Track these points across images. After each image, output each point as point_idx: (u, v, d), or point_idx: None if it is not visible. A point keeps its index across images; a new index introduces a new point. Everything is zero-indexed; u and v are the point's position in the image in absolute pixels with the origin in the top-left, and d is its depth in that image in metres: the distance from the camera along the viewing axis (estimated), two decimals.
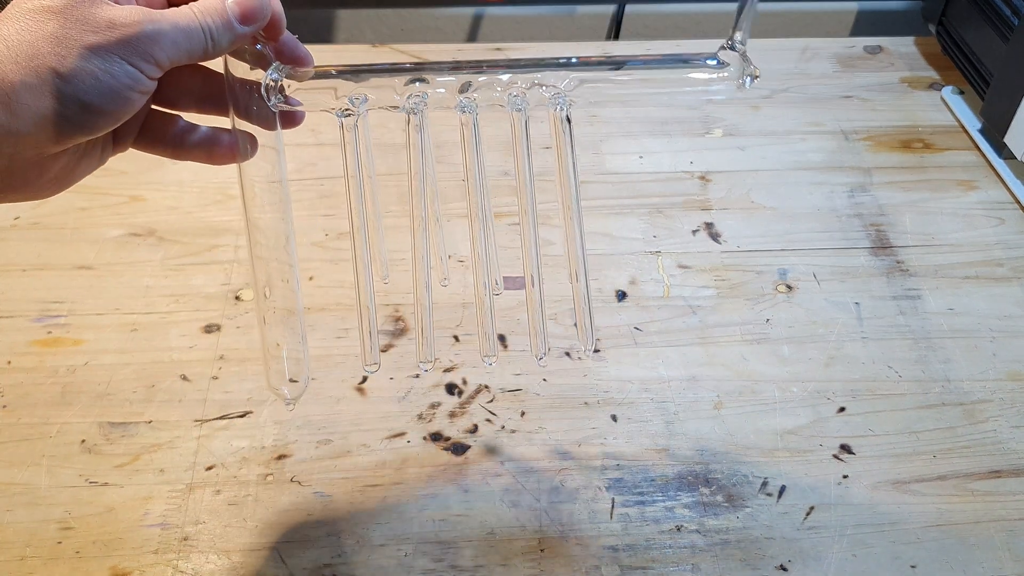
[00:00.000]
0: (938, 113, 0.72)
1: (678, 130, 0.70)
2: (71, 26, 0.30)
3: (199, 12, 0.33)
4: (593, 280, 0.58)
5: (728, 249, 0.60)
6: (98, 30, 0.30)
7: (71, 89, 0.30)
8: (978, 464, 0.48)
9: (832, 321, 0.55)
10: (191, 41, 0.32)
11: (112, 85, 0.31)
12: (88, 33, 0.30)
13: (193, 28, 0.33)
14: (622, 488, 0.47)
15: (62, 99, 0.30)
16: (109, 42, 0.30)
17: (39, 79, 0.29)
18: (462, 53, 0.77)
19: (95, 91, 0.30)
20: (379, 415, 0.50)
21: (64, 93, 0.30)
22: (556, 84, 0.38)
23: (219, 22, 0.33)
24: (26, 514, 0.45)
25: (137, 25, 0.31)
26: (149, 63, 0.31)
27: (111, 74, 0.30)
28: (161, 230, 0.60)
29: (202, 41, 0.33)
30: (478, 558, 0.44)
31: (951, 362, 0.53)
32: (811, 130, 0.70)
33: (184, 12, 0.33)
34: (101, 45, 0.30)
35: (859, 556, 0.44)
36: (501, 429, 0.49)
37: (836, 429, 0.49)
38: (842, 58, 0.78)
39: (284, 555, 0.43)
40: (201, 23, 0.33)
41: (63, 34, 0.30)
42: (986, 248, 0.61)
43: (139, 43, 0.31)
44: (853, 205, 0.64)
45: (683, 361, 0.53)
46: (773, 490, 0.47)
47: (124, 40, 0.31)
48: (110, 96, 0.31)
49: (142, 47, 0.31)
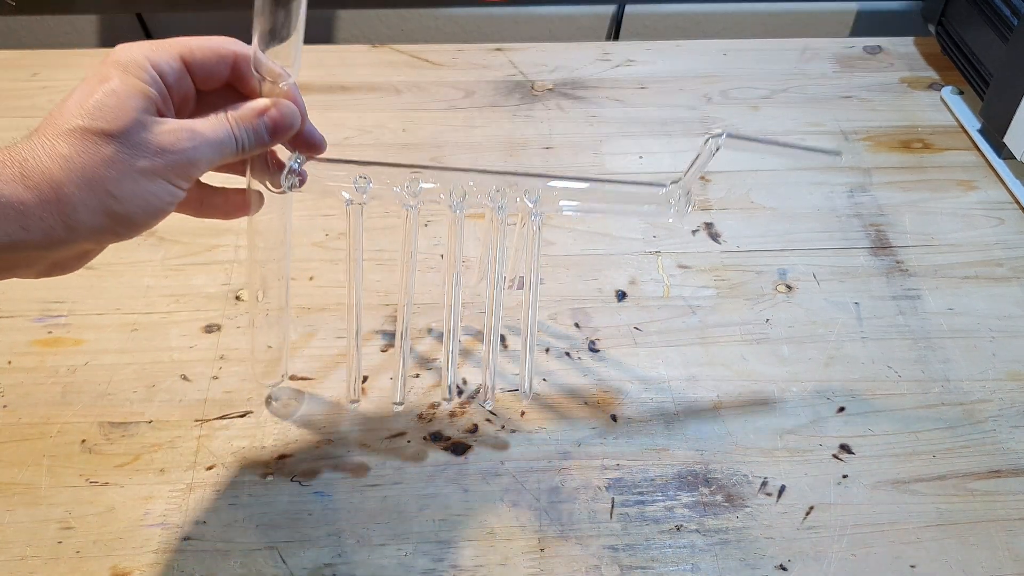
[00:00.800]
0: (938, 113, 0.72)
1: (678, 130, 0.70)
2: (126, 151, 0.33)
3: (235, 123, 0.36)
4: (593, 280, 0.58)
5: (728, 249, 0.60)
6: (149, 155, 0.33)
7: (122, 209, 0.33)
8: (978, 464, 0.48)
9: (832, 321, 0.55)
10: (223, 151, 0.36)
11: (156, 205, 0.34)
12: (141, 158, 0.33)
13: (227, 140, 0.36)
14: (622, 488, 0.47)
15: (114, 217, 0.33)
16: (158, 167, 0.34)
17: (96, 200, 0.32)
18: (462, 54, 0.77)
19: (141, 210, 0.34)
20: (379, 415, 0.50)
21: (116, 212, 0.33)
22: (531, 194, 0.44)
23: (252, 135, 0.36)
24: (26, 514, 0.45)
25: (183, 151, 0.34)
26: (188, 181, 0.35)
27: (157, 196, 0.34)
28: (161, 230, 0.60)
29: (233, 151, 0.36)
30: (478, 558, 0.44)
31: (951, 362, 0.53)
32: (811, 130, 0.70)
33: (221, 123, 0.36)
34: (151, 170, 0.33)
35: (858, 556, 0.44)
36: (501, 429, 0.49)
37: (836, 429, 0.50)
38: (842, 58, 0.78)
39: (284, 555, 0.43)
40: (236, 135, 0.36)
41: (119, 159, 0.33)
42: (986, 248, 0.61)
43: (183, 167, 0.34)
44: (853, 205, 0.64)
45: (683, 361, 0.53)
46: (773, 490, 0.47)
47: (171, 165, 0.34)
48: (153, 213, 0.34)
49: (185, 170, 0.34)
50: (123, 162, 0.33)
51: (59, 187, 0.32)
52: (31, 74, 0.73)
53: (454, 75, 0.75)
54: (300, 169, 0.41)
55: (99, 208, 0.33)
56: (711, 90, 0.74)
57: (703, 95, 0.74)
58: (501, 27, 0.89)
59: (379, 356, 0.53)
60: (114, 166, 0.32)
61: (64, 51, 0.76)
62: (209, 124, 0.35)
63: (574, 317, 0.55)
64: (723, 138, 0.40)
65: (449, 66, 0.76)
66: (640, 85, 0.75)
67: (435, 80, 0.74)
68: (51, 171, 0.32)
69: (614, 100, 0.73)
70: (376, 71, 0.75)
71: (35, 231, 0.31)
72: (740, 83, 0.75)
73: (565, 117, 0.71)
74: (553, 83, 0.75)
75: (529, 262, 0.45)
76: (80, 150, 0.32)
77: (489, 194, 0.43)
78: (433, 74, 0.75)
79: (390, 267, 0.58)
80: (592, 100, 0.73)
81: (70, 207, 0.32)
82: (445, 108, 0.71)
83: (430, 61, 0.77)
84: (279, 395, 0.50)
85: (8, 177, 0.31)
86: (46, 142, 0.32)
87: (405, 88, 0.73)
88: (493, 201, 0.43)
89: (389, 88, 0.73)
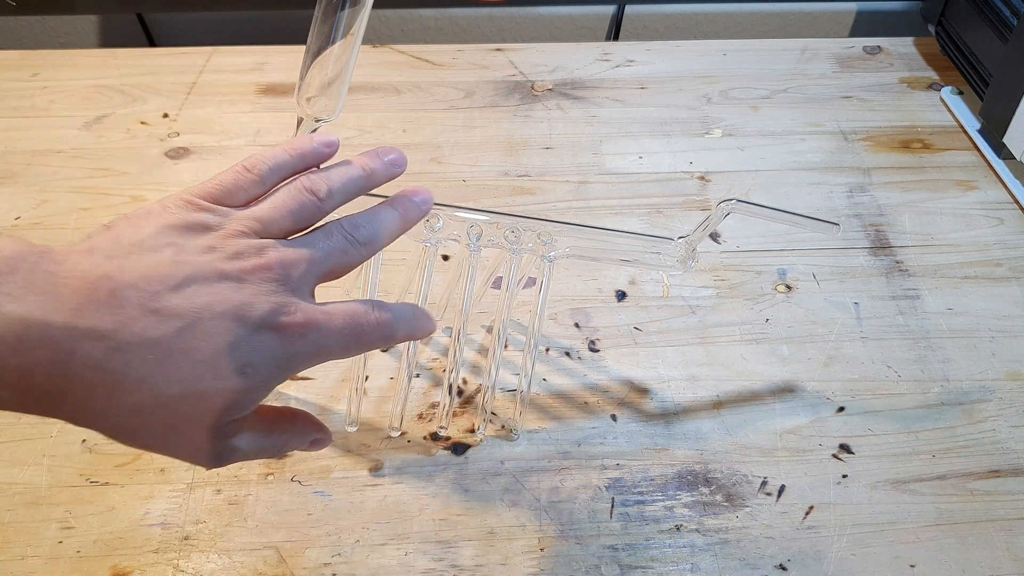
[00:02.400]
0: (937, 113, 0.72)
1: (678, 130, 0.70)
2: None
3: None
4: (593, 280, 0.58)
5: (727, 249, 0.60)
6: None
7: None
8: (977, 464, 0.48)
9: (831, 321, 0.55)
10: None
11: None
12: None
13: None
14: (622, 488, 0.47)
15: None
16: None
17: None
18: (462, 54, 0.78)
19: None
20: (380, 414, 0.50)
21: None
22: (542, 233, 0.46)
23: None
24: (27, 513, 0.45)
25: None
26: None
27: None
28: None
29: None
30: (478, 557, 0.44)
31: (950, 362, 0.53)
32: (810, 130, 0.70)
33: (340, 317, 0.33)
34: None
35: (858, 555, 0.44)
36: (501, 429, 0.49)
37: (835, 429, 0.50)
38: (841, 58, 0.78)
39: (284, 555, 0.43)
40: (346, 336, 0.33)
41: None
42: (985, 248, 0.61)
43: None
44: (852, 205, 0.64)
45: (683, 361, 0.53)
46: (772, 490, 0.47)
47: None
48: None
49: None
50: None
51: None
52: (31, 74, 0.73)
53: (454, 75, 0.75)
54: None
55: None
56: (711, 90, 0.74)
57: (703, 95, 0.74)
58: (501, 27, 0.89)
59: (380, 356, 0.53)
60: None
61: (64, 51, 0.76)
62: (337, 317, 0.34)
63: (574, 317, 0.55)
64: (733, 203, 0.44)
65: (449, 66, 0.76)
66: (640, 85, 0.75)
67: (435, 80, 0.75)
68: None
69: (614, 100, 0.73)
70: (376, 71, 0.75)
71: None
72: (740, 83, 0.75)
73: (565, 117, 0.71)
74: (553, 83, 0.75)
75: (540, 301, 0.46)
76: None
77: (504, 236, 0.45)
78: (433, 74, 0.75)
79: (389, 267, 0.58)
80: (592, 100, 0.73)
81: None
82: (445, 108, 0.72)
83: (430, 61, 0.77)
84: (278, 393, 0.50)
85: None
86: None
87: (405, 88, 0.73)
88: (508, 243, 0.45)
89: (389, 88, 0.73)
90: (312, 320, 0.31)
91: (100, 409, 0.28)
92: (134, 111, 0.70)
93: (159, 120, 0.69)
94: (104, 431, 0.29)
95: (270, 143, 0.67)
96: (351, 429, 0.48)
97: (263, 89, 0.73)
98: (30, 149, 0.66)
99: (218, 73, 0.74)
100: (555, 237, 0.45)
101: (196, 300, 0.28)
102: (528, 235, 0.45)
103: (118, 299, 0.27)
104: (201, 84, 0.73)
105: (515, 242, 0.45)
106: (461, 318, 0.45)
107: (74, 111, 0.69)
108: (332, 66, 0.38)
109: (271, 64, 0.75)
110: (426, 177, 0.64)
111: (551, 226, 0.45)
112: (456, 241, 0.45)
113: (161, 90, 0.72)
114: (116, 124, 0.68)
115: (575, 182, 0.65)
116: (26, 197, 0.62)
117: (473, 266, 0.45)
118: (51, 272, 0.27)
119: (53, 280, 0.27)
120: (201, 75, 0.74)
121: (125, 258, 0.29)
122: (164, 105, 0.71)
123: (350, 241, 0.34)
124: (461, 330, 0.45)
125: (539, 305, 0.46)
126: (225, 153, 0.66)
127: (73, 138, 0.67)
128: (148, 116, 0.69)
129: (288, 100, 0.71)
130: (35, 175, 0.64)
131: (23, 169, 0.64)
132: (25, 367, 0.26)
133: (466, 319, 0.46)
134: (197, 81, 0.73)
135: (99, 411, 0.28)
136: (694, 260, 0.46)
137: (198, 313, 0.28)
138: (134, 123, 0.69)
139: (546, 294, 0.46)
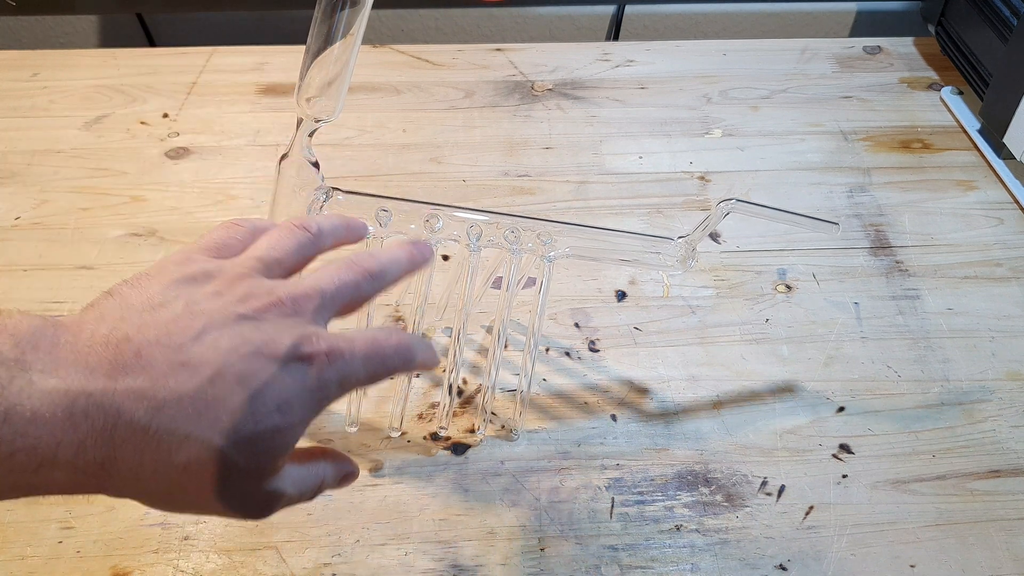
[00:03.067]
0: (937, 113, 0.72)
1: (677, 131, 0.70)
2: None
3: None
4: (593, 280, 0.58)
5: (727, 249, 0.60)
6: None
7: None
8: (977, 464, 0.48)
9: (831, 321, 0.55)
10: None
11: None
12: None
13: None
14: (622, 488, 0.47)
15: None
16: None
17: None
18: (462, 54, 0.78)
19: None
20: (380, 415, 0.50)
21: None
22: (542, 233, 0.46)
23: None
24: (27, 513, 0.45)
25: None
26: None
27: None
28: (162, 230, 0.60)
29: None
30: (478, 557, 0.44)
31: (950, 362, 0.53)
32: (810, 130, 0.70)
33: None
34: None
35: (858, 555, 0.44)
36: (501, 429, 0.49)
37: (835, 429, 0.50)
38: (841, 58, 0.78)
39: (284, 554, 0.43)
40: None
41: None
42: (985, 248, 0.61)
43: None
44: (852, 205, 0.64)
45: (683, 361, 0.53)
46: (772, 490, 0.47)
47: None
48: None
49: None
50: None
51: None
52: (31, 74, 0.73)
53: (454, 75, 0.75)
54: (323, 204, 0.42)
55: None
56: (711, 90, 0.74)
57: (703, 95, 0.74)
58: (501, 27, 0.89)
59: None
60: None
61: (64, 51, 0.76)
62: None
63: (574, 317, 0.55)
64: (733, 203, 0.44)
65: (449, 66, 0.76)
66: (640, 85, 0.75)
67: (435, 80, 0.75)
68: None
69: (614, 100, 0.73)
70: (376, 71, 0.75)
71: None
72: (740, 83, 0.75)
73: (565, 117, 0.71)
74: (553, 83, 0.75)
75: (540, 301, 0.47)
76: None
77: (504, 236, 0.45)
78: (433, 74, 0.75)
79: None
80: (592, 100, 0.73)
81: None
82: (445, 108, 0.72)
83: (430, 61, 0.77)
84: None
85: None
86: None
87: (405, 88, 0.73)
88: (508, 243, 0.45)
89: (389, 88, 0.73)
90: (336, 348, 0.30)
91: (150, 472, 0.27)
92: (134, 111, 0.70)
93: (159, 120, 0.69)
94: (151, 498, 0.28)
95: (270, 143, 0.67)
96: (351, 429, 0.48)
97: (263, 89, 0.73)
98: (30, 149, 0.66)
99: (218, 73, 0.74)
100: (555, 237, 0.45)
101: (220, 346, 0.28)
102: (528, 235, 0.45)
103: (144, 359, 0.27)
104: (201, 84, 0.73)
105: (515, 242, 0.45)
106: (461, 318, 0.45)
107: (74, 111, 0.69)
108: (332, 66, 0.39)
109: (271, 64, 0.75)
110: (426, 177, 0.64)
111: (551, 226, 0.45)
112: (456, 241, 0.45)
113: (161, 90, 0.72)
114: (116, 124, 0.68)
115: (575, 182, 0.65)
116: (26, 197, 0.62)
117: (473, 266, 0.45)
118: (71, 343, 0.27)
119: (76, 350, 0.27)
120: (201, 75, 0.74)
121: (139, 318, 0.28)
122: (164, 105, 0.71)
123: (360, 274, 0.34)
124: (461, 330, 0.45)
125: (539, 305, 0.46)
126: (225, 153, 0.66)
127: (73, 138, 0.67)
128: (148, 116, 0.69)
129: (288, 100, 0.71)
130: (35, 175, 0.64)
131: (23, 169, 0.64)
132: (78, 441, 0.26)
133: (466, 319, 0.46)
134: (197, 81, 0.73)
135: (148, 475, 0.27)
136: (694, 260, 0.46)
137: (225, 358, 0.28)
138: (134, 123, 0.69)
139: (546, 294, 0.46)
